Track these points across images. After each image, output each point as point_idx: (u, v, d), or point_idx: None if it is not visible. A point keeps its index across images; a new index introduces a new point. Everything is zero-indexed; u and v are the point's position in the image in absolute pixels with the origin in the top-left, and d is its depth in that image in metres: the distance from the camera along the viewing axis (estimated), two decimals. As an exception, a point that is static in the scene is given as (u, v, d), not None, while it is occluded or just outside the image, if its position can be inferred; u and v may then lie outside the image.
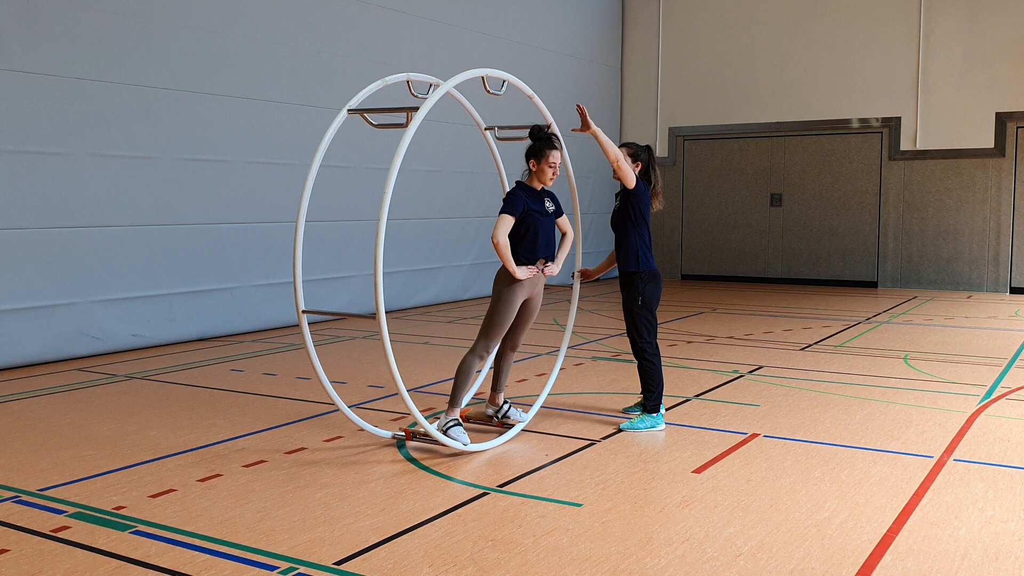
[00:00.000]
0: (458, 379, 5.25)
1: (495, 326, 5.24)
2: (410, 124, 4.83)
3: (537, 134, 5.28)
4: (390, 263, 11.11)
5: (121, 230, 8.33)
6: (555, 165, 5.24)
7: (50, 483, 4.55)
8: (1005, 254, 13.57)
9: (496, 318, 5.24)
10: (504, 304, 5.23)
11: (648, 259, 5.61)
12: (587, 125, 5.32)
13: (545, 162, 5.22)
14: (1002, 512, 4.12)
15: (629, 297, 5.61)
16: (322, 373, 5.23)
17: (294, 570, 3.49)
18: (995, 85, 13.44)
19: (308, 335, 5.20)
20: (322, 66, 10.24)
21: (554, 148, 5.22)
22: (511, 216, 5.12)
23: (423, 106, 4.84)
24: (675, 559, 3.59)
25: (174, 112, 8.70)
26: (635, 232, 5.59)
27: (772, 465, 4.84)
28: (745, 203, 15.33)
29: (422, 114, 4.82)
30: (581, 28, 15.03)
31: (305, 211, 5.20)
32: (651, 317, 5.64)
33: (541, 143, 5.24)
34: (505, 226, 5.09)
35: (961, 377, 7.19)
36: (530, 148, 5.28)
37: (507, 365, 5.64)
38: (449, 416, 5.17)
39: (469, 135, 11.23)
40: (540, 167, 5.25)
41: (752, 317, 10.87)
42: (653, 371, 5.64)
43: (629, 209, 5.59)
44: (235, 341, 9.07)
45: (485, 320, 5.29)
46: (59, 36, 7.76)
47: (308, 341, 5.20)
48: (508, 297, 5.23)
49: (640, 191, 5.57)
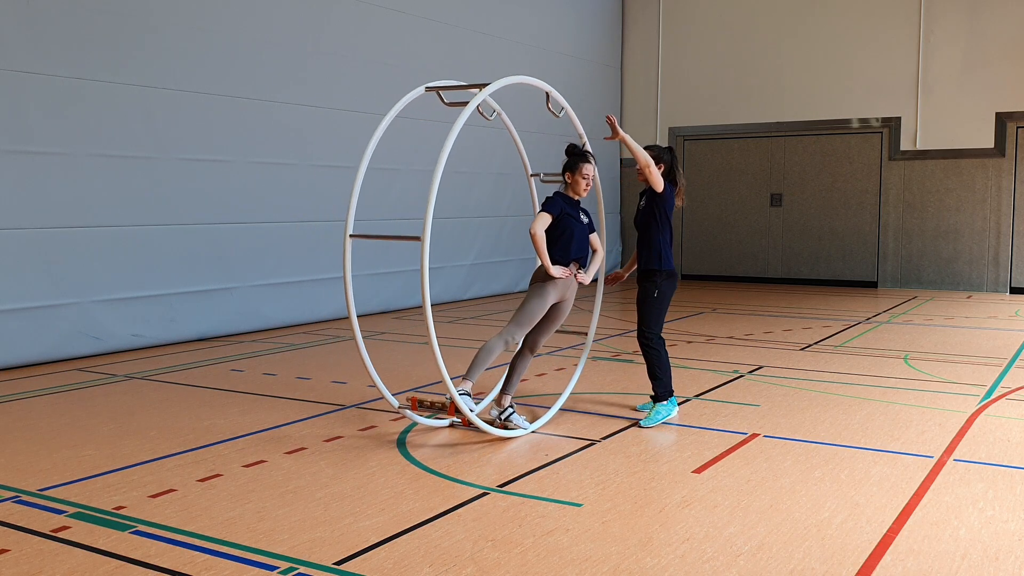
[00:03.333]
0: (478, 356, 5.43)
1: (525, 315, 5.51)
2: (470, 103, 5.20)
3: (573, 150, 5.70)
4: (390, 263, 11.12)
5: (121, 230, 8.33)
6: (588, 177, 5.64)
7: (50, 483, 4.55)
8: (1005, 254, 13.57)
9: (527, 308, 5.53)
10: (537, 298, 5.53)
11: (669, 258, 5.86)
12: (616, 132, 5.63)
13: (579, 174, 5.61)
14: (1002, 512, 4.12)
15: (645, 290, 5.82)
16: (359, 336, 5.58)
17: (294, 570, 3.49)
18: (995, 85, 13.44)
19: (348, 266, 5.61)
20: (322, 66, 10.24)
21: (587, 162, 5.64)
22: (549, 214, 5.48)
23: (494, 84, 5.29)
24: (675, 559, 3.59)
25: (174, 112, 8.70)
26: (658, 232, 5.84)
27: (772, 465, 4.84)
28: (745, 203, 15.33)
29: (489, 90, 5.25)
30: (581, 28, 15.03)
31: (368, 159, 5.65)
32: (661, 310, 5.83)
33: (576, 157, 5.66)
34: (543, 222, 5.45)
35: (961, 377, 7.19)
36: (566, 163, 5.67)
37: (522, 367, 5.81)
38: (462, 388, 5.30)
39: (469, 135, 11.21)
40: (575, 179, 5.63)
41: (752, 317, 10.87)
42: (658, 358, 5.79)
43: (654, 210, 5.85)
44: (235, 341, 9.07)
45: (517, 310, 5.57)
46: (59, 36, 7.76)
47: (347, 271, 5.60)
48: (541, 292, 5.54)
49: (667, 194, 5.83)
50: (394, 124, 5.72)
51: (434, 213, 5.12)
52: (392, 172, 11.05)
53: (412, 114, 6.59)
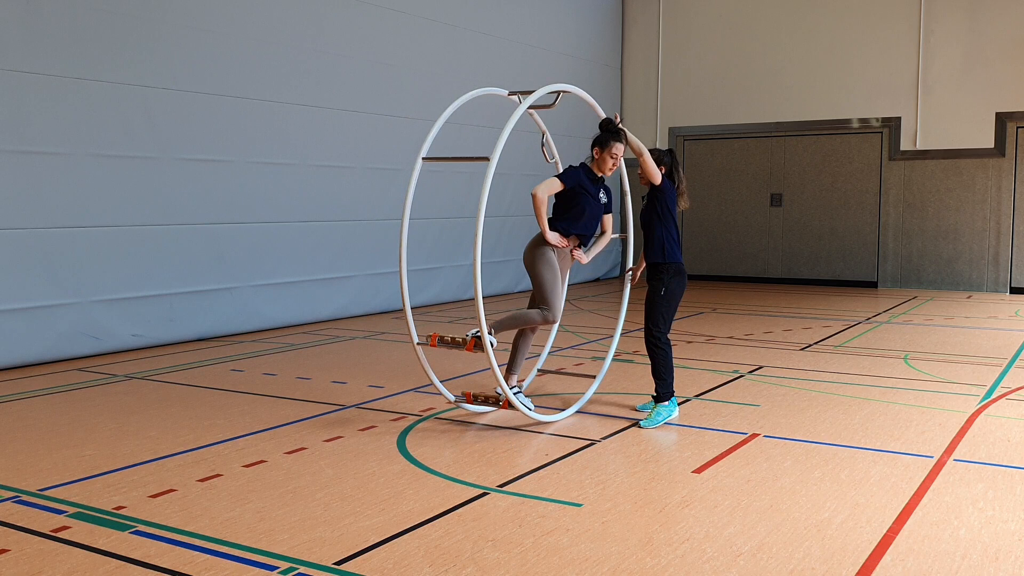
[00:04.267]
0: (515, 314, 5.54)
1: (546, 290, 5.51)
2: (524, 102, 5.38)
3: (607, 126, 5.66)
4: (389, 263, 11.12)
5: (121, 230, 8.33)
6: (616, 156, 5.63)
7: (50, 483, 4.55)
8: (1005, 254, 13.57)
9: (541, 281, 5.52)
10: (544, 268, 5.51)
11: (675, 252, 5.86)
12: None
13: (608, 152, 5.61)
14: (1002, 512, 4.12)
15: (653, 288, 5.84)
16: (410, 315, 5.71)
17: (294, 570, 3.49)
18: (995, 85, 13.44)
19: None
20: (322, 66, 10.24)
21: (619, 141, 5.61)
22: (560, 182, 5.46)
23: (557, 87, 5.60)
24: (675, 559, 3.59)
25: (174, 112, 8.70)
26: (662, 226, 5.84)
27: (772, 465, 4.84)
28: (745, 203, 15.33)
29: (537, 95, 5.48)
30: (581, 28, 15.03)
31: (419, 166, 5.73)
32: (670, 309, 5.84)
33: (608, 134, 5.63)
34: (549, 185, 5.43)
35: (961, 377, 7.19)
36: (597, 137, 5.65)
37: (524, 346, 5.86)
38: (495, 331, 5.44)
39: (469, 136, 11.22)
40: (603, 156, 5.63)
41: (752, 317, 10.87)
42: (665, 359, 5.80)
43: (656, 205, 5.86)
44: (235, 341, 9.07)
45: (535, 293, 5.59)
46: (59, 36, 7.76)
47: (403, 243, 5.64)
48: (544, 259, 5.52)
49: (666, 187, 5.86)
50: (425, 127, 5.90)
51: (434, 213, 5.20)
52: (387, 172, 11.06)
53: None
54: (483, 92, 5.89)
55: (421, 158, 5.66)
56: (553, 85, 5.66)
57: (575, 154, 7.05)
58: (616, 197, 7.63)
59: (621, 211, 5.94)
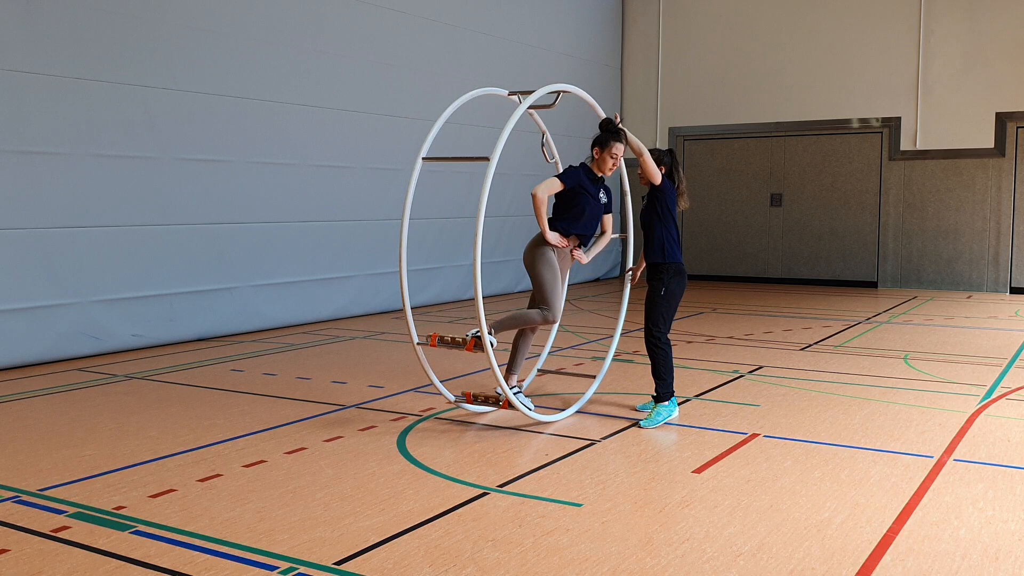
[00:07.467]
0: (515, 314, 5.55)
1: (546, 290, 5.53)
2: (525, 102, 5.42)
3: (607, 126, 5.67)
4: (389, 263, 11.12)
5: (121, 230, 8.33)
6: (616, 156, 5.64)
7: (50, 483, 4.55)
8: (1005, 254, 13.57)
9: (541, 281, 5.53)
10: (541, 265, 5.53)
11: (674, 252, 5.86)
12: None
13: (608, 152, 5.62)
14: (1002, 512, 4.12)
15: (653, 288, 5.84)
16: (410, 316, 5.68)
17: (294, 570, 3.49)
18: (995, 85, 13.43)
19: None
20: (322, 66, 10.24)
21: (619, 141, 5.61)
22: (560, 182, 5.47)
23: (559, 87, 5.64)
24: (675, 559, 3.59)
25: (174, 112, 8.70)
26: (661, 226, 5.84)
27: (772, 465, 4.84)
28: (745, 203, 15.33)
29: (537, 95, 5.50)
30: (581, 28, 15.03)
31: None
32: (670, 310, 5.84)
33: (608, 134, 5.64)
34: (549, 185, 5.45)
35: (961, 377, 7.19)
36: (597, 137, 5.66)
37: (524, 346, 5.87)
38: (495, 330, 5.44)
39: (469, 136, 11.22)
40: (603, 156, 5.64)
41: (752, 317, 10.87)
42: (665, 359, 5.81)
43: (656, 205, 5.86)
44: (235, 341, 9.07)
45: (535, 293, 5.60)
46: (59, 36, 7.76)
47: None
48: (544, 259, 5.53)
49: (666, 187, 5.86)
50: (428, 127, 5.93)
51: (434, 213, 5.21)
52: (386, 172, 11.05)
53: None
54: (483, 92, 5.89)
55: (421, 158, 5.67)
56: (553, 85, 5.66)
57: (575, 154, 7.09)
58: (616, 197, 7.64)
59: (621, 211, 5.93)
